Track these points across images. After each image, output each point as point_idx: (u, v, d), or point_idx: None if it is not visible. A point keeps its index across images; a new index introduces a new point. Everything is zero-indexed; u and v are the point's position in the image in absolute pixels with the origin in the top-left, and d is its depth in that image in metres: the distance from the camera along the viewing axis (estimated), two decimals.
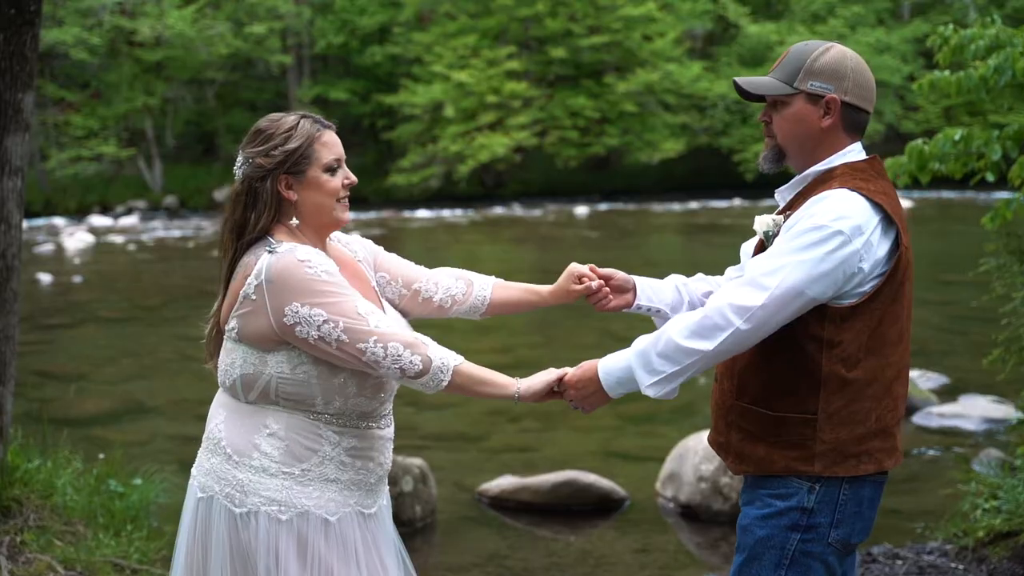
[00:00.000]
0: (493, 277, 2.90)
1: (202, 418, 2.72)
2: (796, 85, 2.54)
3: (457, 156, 29.20)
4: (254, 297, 2.50)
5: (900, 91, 30.58)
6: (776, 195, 2.65)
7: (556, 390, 2.60)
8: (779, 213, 2.59)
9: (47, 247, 20.92)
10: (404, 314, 2.82)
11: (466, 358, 2.58)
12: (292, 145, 2.56)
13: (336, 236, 2.77)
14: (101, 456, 5.86)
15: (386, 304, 2.76)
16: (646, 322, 2.91)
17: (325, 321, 2.46)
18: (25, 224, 4.86)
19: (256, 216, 2.57)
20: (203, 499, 2.58)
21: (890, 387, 2.50)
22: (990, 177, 4.85)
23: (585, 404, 2.59)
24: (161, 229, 24.72)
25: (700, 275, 2.93)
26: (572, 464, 6.70)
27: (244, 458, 2.54)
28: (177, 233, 23.81)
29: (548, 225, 24.49)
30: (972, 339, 10.35)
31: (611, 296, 2.82)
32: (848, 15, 31.27)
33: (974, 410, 7.96)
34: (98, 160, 29.28)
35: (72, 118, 29.37)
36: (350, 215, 2.65)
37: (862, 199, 2.44)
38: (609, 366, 2.53)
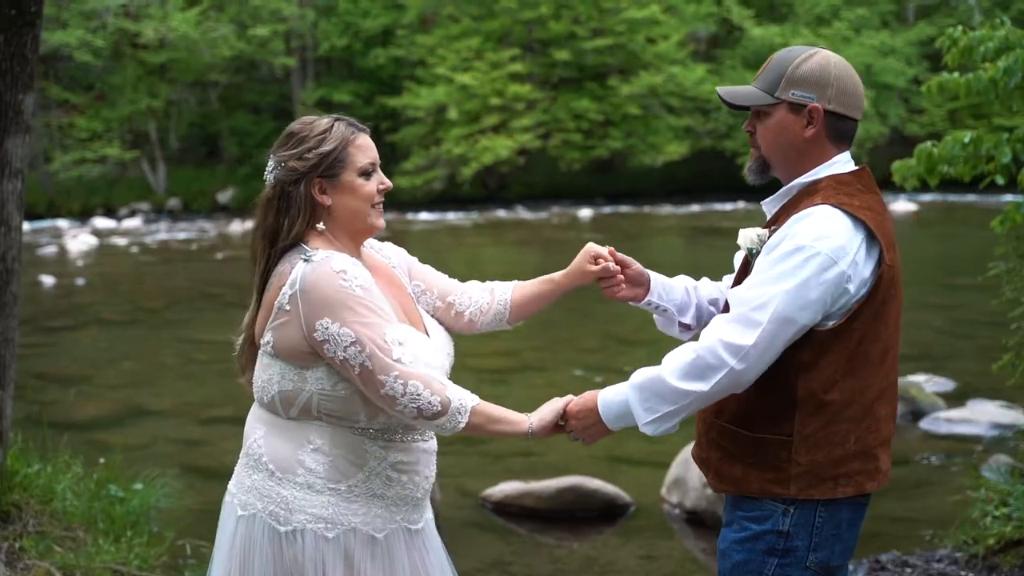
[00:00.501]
0: (514, 281, 2.83)
1: (204, 422, 2.68)
2: (777, 94, 2.47)
3: (460, 158, 29.20)
4: (288, 308, 2.43)
5: (904, 94, 30.54)
6: (763, 206, 2.58)
7: (560, 423, 2.54)
8: (765, 227, 2.52)
9: (50, 249, 20.88)
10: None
11: (471, 361, 2.53)
12: (326, 148, 2.49)
13: (370, 243, 2.71)
14: (101, 460, 5.81)
15: (422, 311, 2.70)
16: (647, 325, 2.86)
17: (352, 343, 2.39)
18: (28, 226, 4.82)
19: (290, 222, 2.49)
20: (244, 517, 2.50)
21: (871, 408, 2.43)
22: (1000, 180, 4.81)
23: (585, 435, 2.52)
24: (164, 231, 24.73)
25: (705, 279, 2.88)
26: (576, 469, 6.66)
27: (288, 475, 2.47)
28: (180, 235, 23.80)
29: (551, 228, 24.46)
30: (979, 343, 10.30)
31: (623, 285, 2.75)
32: (852, 18, 31.22)
33: (983, 415, 7.88)
34: (102, 162, 29.32)
35: (76, 120, 29.44)
36: (384, 220, 2.58)
37: (845, 217, 2.37)
38: (608, 399, 2.47)
